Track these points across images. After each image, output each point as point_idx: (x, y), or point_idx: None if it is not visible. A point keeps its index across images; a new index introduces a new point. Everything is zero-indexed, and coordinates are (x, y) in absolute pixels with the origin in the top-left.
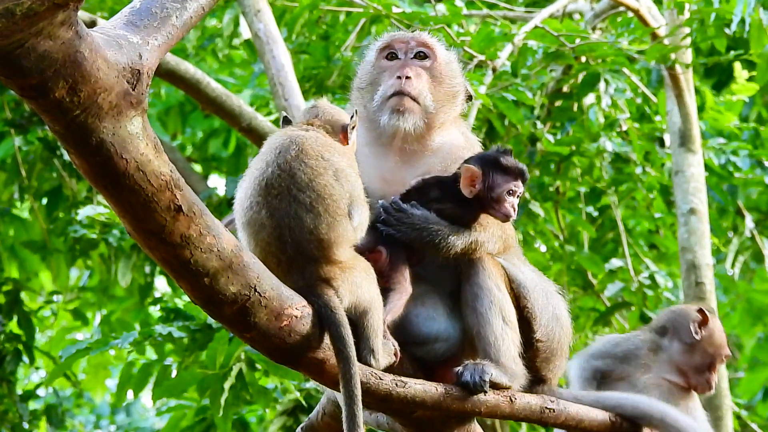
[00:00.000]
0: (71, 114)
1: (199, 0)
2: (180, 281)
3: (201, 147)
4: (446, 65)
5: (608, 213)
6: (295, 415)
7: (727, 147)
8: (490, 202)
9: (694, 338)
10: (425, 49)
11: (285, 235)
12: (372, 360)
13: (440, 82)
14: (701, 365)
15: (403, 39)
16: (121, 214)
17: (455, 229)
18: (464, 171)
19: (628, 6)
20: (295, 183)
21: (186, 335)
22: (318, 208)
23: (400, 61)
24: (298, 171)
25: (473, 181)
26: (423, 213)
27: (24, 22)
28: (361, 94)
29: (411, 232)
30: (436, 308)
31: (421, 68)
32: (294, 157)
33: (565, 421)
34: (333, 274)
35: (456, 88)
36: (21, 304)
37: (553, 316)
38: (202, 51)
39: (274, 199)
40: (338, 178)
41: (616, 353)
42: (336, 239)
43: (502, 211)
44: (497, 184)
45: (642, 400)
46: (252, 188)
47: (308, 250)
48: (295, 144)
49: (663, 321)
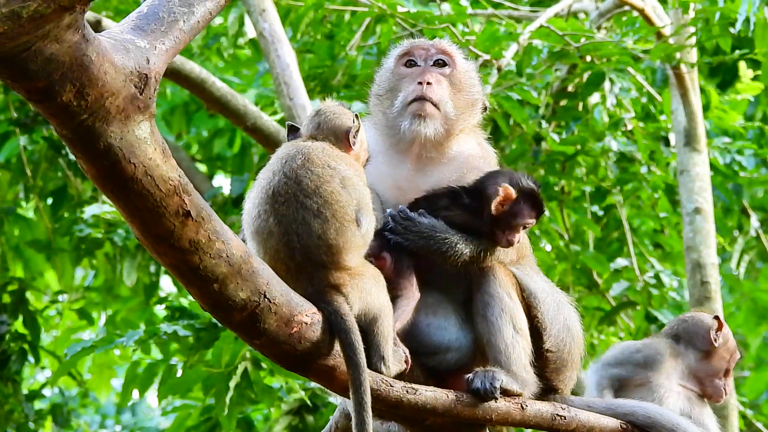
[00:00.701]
0: (78, 118)
1: (207, 4)
2: (189, 287)
3: (206, 146)
4: (465, 73)
5: (613, 212)
6: (301, 414)
7: (732, 146)
8: (503, 226)
9: (712, 346)
10: (445, 57)
11: (293, 241)
12: (383, 367)
13: (459, 90)
14: (717, 372)
15: (423, 46)
16: (129, 218)
17: (463, 237)
18: (503, 190)
19: (633, 5)
20: (301, 190)
21: (191, 334)
22: (325, 214)
23: (420, 68)
24: (305, 178)
25: (506, 202)
26: (431, 221)
27: (30, 24)
28: (379, 100)
29: (418, 241)
30: (448, 318)
31: (441, 75)
32: (300, 166)
33: (576, 428)
34: (342, 281)
35: (475, 96)
36: (26, 303)
37: (564, 327)
38: (207, 50)
39: (282, 206)
40: (345, 186)
41: (637, 359)
42: (344, 244)
43: (509, 238)
44: (521, 214)
45: (654, 408)
46: (259, 198)
47: (317, 255)
48: (301, 153)
49: (676, 329)
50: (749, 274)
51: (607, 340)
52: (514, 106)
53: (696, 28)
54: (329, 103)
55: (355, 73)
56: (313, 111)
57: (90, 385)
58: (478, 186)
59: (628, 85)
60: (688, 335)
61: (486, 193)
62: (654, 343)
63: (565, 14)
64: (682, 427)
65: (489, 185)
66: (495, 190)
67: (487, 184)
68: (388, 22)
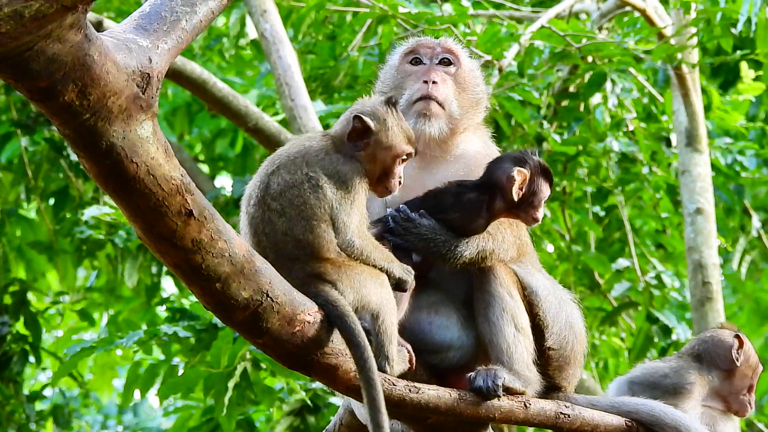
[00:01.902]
0: (81, 117)
1: (209, 4)
2: (191, 286)
3: (208, 147)
4: (470, 72)
5: (615, 213)
6: (302, 415)
7: (733, 146)
8: (526, 207)
9: (734, 365)
10: (450, 56)
11: (262, 241)
12: (387, 366)
13: (464, 89)
14: (740, 389)
15: (429, 44)
16: (132, 218)
17: (463, 239)
18: (519, 174)
19: (635, 6)
20: (269, 193)
21: (192, 335)
22: (290, 213)
23: (425, 66)
24: (273, 183)
25: (524, 184)
26: (431, 223)
27: (33, 24)
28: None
29: (418, 242)
30: (450, 316)
31: (446, 74)
32: (273, 171)
33: (581, 426)
34: (324, 269)
35: (479, 96)
36: (28, 304)
37: (566, 324)
38: (209, 51)
39: (251, 207)
40: (315, 191)
41: (666, 385)
42: (316, 240)
43: (535, 216)
44: (540, 190)
45: (658, 406)
46: (243, 198)
47: (286, 249)
48: (278, 158)
49: (696, 350)
50: (751, 275)
51: (609, 340)
52: (516, 107)
53: (697, 28)
54: (359, 107)
55: (356, 74)
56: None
57: (91, 385)
58: (486, 179)
59: (630, 86)
60: (709, 356)
61: (500, 183)
62: (682, 370)
63: (566, 15)
64: (685, 425)
65: (499, 175)
66: (510, 177)
67: (495, 174)
68: (390, 23)
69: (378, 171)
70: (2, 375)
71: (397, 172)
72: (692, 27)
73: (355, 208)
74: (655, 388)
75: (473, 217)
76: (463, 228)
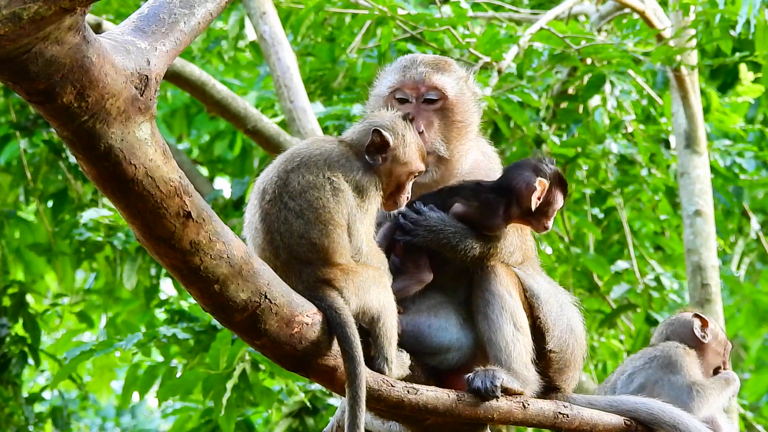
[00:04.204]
0: (79, 119)
1: (207, 6)
2: (190, 288)
3: (206, 149)
4: (457, 100)
5: (614, 215)
6: (301, 417)
7: (732, 148)
8: (539, 215)
9: (703, 342)
10: (435, 93)
11: (276, 239)
12: (386, 368)
13: (452, 120)
14: (714, 366)
15: (413, 86)
16: (130, 220)
17: (473, 232)
18: (540, 184)
19: (634, 8)
20: (287, 191)
21: (190, 336)
22: (308, 216)
23: (411, 104)
24: (293, 181)
25: (542, 194)
26: (440, 215)
27: (31, 26)
28: None
29: (428, 235)
30: (449, 318)
31: (433, 113)
32: (293, 168)
33: (579, 426)
34: (333, 275)
35: (469, 120)
36: (26, 306)
37: (567, 328)
38: (208, 53)
39: (267, 203)
40: (335, 195)
41: (661, 359)
42: (331, 245)
43: (546, 225)
44: (556, 200)
45: (656, 404)
46: (253, 192)
47: (300, 253)
48: (299, 156)
49: (665, 334)
50: (750, 277)
51: (608, 342)
52: (515, 109)
53: (696, 30)
54: (378, 118)
55: (355, 76)
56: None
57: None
58: (504, 184)
59: (629, 88)
60: (678, 337)
61: (519, 190)
62: (666, 346)
63: (565, 17)
64: (684, 423)
65: (519, 182)
66: (530, 185)
67: (515, 180)
68: (389, 25)
69: (393, 185)
70: (1, 377)
71: (408, 187)
72: (691, 29)
73: (368, 217)
74: (663, 367)
75: (490, 213)
76: (479, 222)
